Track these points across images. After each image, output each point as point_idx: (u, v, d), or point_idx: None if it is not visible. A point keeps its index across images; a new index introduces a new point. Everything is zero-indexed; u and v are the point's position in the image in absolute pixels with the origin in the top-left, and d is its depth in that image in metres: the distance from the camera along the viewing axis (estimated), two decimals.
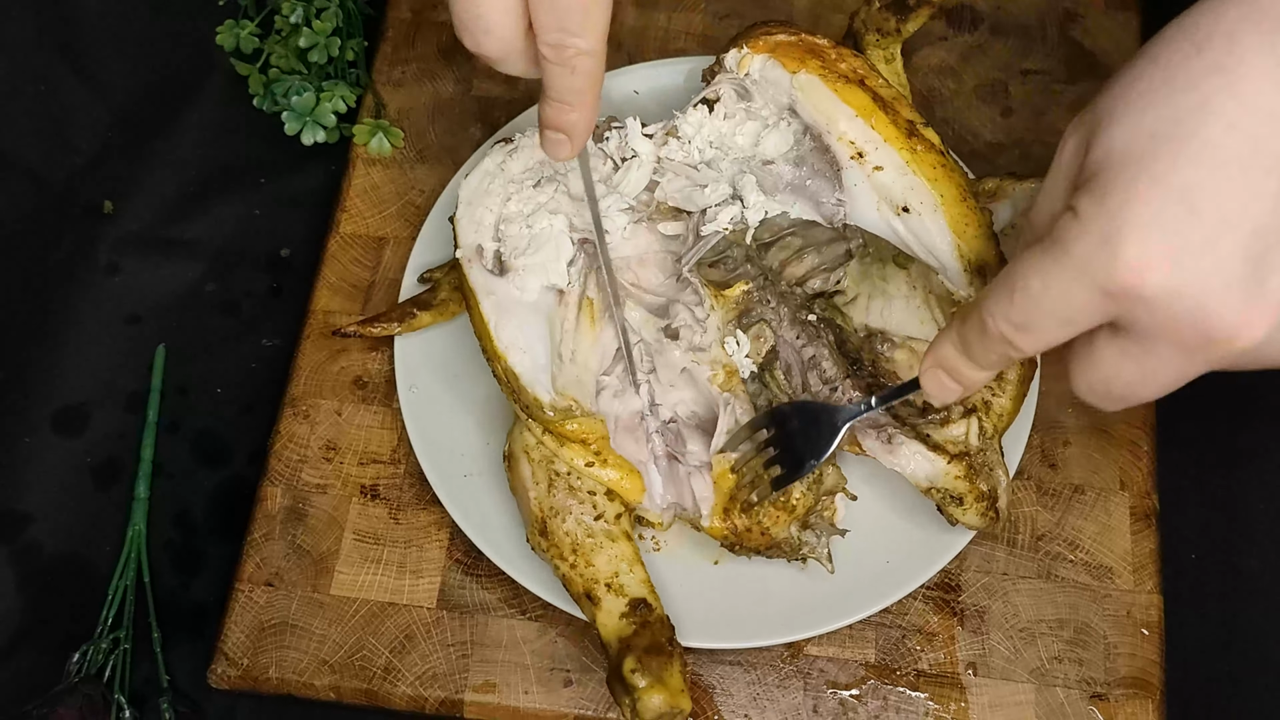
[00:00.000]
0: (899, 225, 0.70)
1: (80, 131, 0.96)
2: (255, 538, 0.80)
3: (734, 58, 0.75)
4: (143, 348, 0.88)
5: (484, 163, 0.76)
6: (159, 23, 0.99)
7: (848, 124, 0.70)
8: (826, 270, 0.76)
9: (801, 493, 0.70)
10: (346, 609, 0.77)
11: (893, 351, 0.75)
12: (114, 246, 0.92)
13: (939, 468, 0.70)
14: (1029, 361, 0.73)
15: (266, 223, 0.93)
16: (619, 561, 0.70)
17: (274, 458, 0.82)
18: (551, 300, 0.73)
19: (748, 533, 0.71)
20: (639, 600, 0.69)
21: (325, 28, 0.92)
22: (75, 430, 0.86)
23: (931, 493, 0.71)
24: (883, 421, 0.72)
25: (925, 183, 0.69)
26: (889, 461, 0.72)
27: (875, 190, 0.70)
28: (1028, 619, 0.75)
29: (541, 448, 0.72)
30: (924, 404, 0.73)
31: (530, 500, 0.72)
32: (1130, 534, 0.77)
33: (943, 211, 0.69)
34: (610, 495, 0.72)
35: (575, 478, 0.71)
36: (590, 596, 0.70)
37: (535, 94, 0.93)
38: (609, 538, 0.71)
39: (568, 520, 0.71)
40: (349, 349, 0.85)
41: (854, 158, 0.70)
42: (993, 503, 0.71)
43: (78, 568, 0.82)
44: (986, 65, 0.93)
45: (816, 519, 0.71)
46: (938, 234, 0.69)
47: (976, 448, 0.71)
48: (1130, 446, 0.80)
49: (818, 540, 0.71)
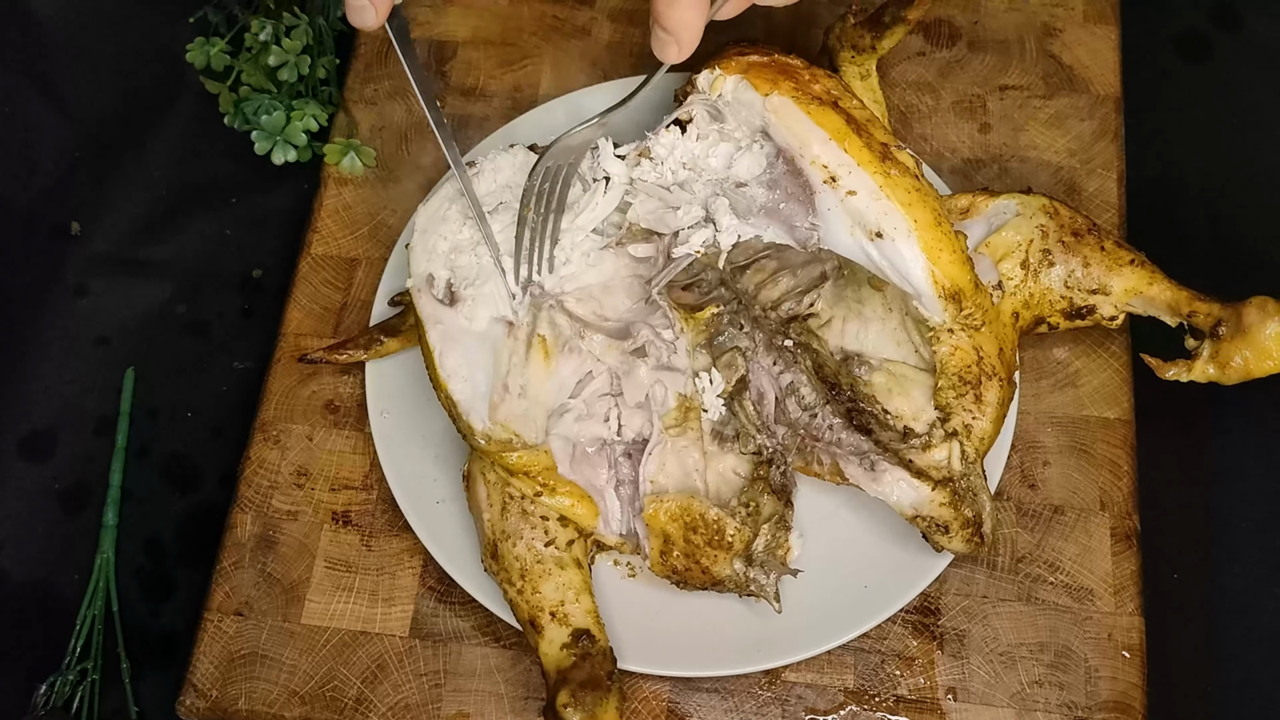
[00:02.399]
0: (872, 250, 0.69)
1: (46, 152, 0.95)
2: (225, 566, 0.79)
3: (706, 79, 0.74)
4: (111, 370, 0.88)
5: (442, 189, 0.76)
6: (127, 41, 0.99)
7: (821, 147, 0.70)
8: (802, 293, 0.75)
9: (736, 528, 0.69)
10: (317, 638, 0.76)
11: (870, 374, 0.74)
12: (82, 268, 0.92)
13: (924, 495, 0.70)
14: (1007, 384, 0.72)
15: (237, 243, 0.92)
16: (566, 590, 0.70)
17: (244, 484, 0.81)
18: (500, 331, 0.72)
19: (688, 573, 0.70)
20: (582, 631, 0.69)
21: (295, 45, 0.91)
22: (43, 455, 0.85)
23: (917, 521, 0.71)
24: (865, 448, 0.72)
25: (899, 208, 0.68)
26: (873, 490, 0.71)
27: (848, 215, 0.69)
28: (1008, 642, 0.75)
29: (497, 470, 0.71)
30: (905, 429, 0.72)
31: (485, 522, 0.72)
32: (1111, 555, 0.77)
33: (916, 237, 0.68)
34: (564, 521, 0.71)
35: (529, 502, 0.71)
36: (534, 624, 0.69)
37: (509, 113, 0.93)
38: (558, 565, 0.70)
39: (518, 545, 0.70)
40: (320, 372, 0.84)
41: (827, 182, 0.70)
42: (978, 528, 0.70)
43: (45, 596, 0.81)
44: (964, 81, 0.92)
45: (767, 557, 0.70)
46: (911, 259, 0.69)
47: (960, 472, 0.70)
48: (1110, 466, 0.79)
49: (766, 579, 0.70)
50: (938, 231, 0.69)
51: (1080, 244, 0.76)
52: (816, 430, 0.73)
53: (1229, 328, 0.74)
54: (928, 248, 0.68)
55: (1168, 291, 0.76)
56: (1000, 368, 0.72)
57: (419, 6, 0.98)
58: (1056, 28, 0.93)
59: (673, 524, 0.70)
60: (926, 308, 0.70)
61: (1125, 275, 0.76)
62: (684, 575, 0.71)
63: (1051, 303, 0.76)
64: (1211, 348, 0.75)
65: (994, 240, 0.76)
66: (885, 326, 0.75)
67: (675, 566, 0.71)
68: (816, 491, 0.76)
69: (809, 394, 0.73)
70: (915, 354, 0.74)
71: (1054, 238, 0.76)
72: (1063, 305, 0.76)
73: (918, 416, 0.72)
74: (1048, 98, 0.91)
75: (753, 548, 0.70)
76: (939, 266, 0.69)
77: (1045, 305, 0.76)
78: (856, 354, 0.75)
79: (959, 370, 0.71)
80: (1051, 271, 0.76)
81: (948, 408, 0.71)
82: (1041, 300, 0.76)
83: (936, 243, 0.69)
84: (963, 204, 0.77)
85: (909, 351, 0.74)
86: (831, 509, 0.76)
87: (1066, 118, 0.90)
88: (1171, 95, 0.93)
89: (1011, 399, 0.73)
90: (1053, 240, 0.76)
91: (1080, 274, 0.76)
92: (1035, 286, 0.76)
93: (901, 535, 0.75)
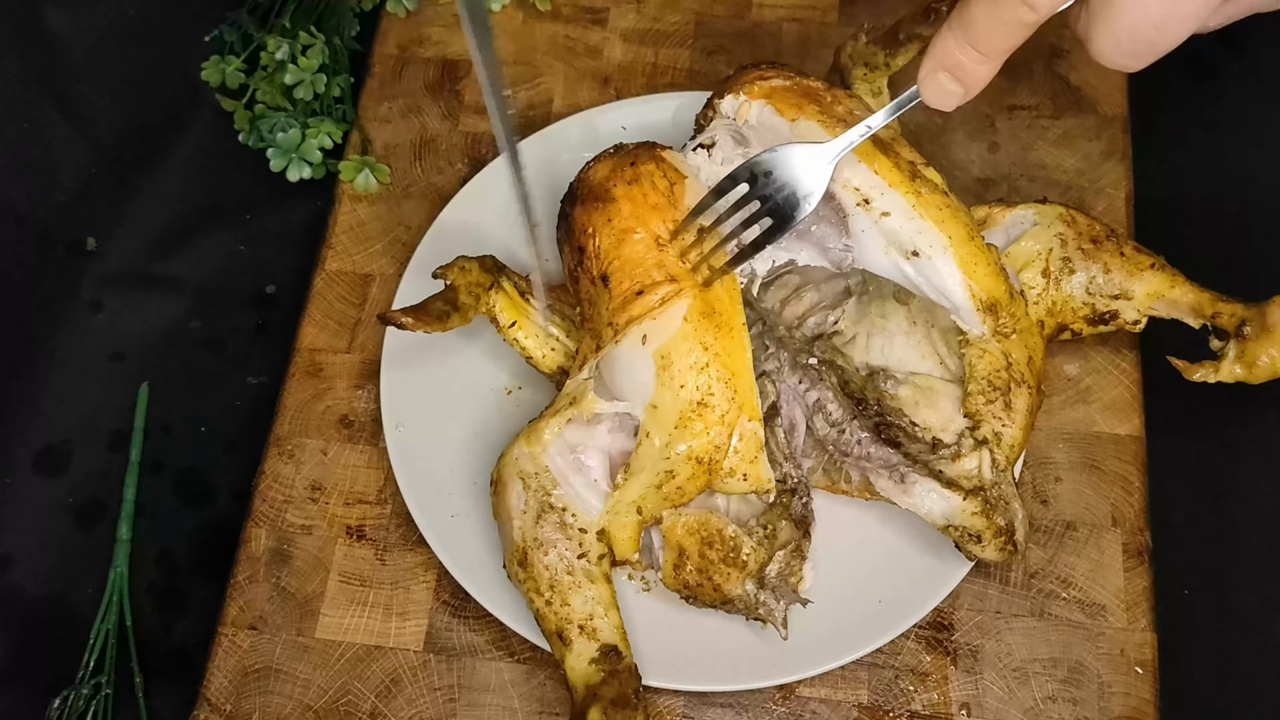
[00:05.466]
0: (909, 269, 0.70)
1: (63, 168, 0.95)
2: (239, 580, 0.79)
3: (731, 105, 0.75)
4: (126, 386, 0.87)
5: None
6: (144, 58, 0.99)
7: (851, 170, 0.70)
8: (826, 309, 0.75)
9: (752, 548, 0.69)
10: (332, 653, 0.76)
11: (896, 388, 0.74)
12: (97, 283, 0.91)
13: (955, 505, 0.70)
14: (1036, 392, 0.73)
15: (252, 259, 0.92)
16: (595, 604, 0.69)
17: (258, 498, 0.81)
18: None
19: (699, 588, 0.70)
20: (610, 647, 0.68)
21: (311, 64, 0.92)
22: (57, 470, 0.85)
23: (949, 530, 0.71)
24: (895, 461, 0.72)
25: (932, 225, 0.69)
26: (904, 502, 0.71)
27: (883, 235, 0.70)
28: (1021, 658, 0.75)
29: (540, 477, 0.71)
30: (933, 440, 0.72)
31: (514, 528, 0.71)
32: (1123, 571, 0.77)
33: (952, 253, 0.69)
34: (600, 535, 0.71)
35: (570, 514, 0.70)
36: (562, 636, 0.69)
37: (523, 130, 0.94)
38: (589, 578, 0.70)
39: (550, 554, 0.70)
40: (335, 387, 0.84)
41: (860, 204, 0.70)
42: (1010, 536, 0.70)
43: (59, 610, 0.81)
44: (973, 100, 0.92)
45: (780, 582, 0.70)
46: (949, 276, 0.69)
47: (990, 481, 0.70)
48: (1122, 482, 0.79)
49: (776, 604, 0.70)
50: (971, 246, 0.69)
51: (1100, 250, 0.77)
52: (845, 445, 0.74)
53: (1254, 327, 0.75)
54: (963, 263, 0.69)
55: (1190, 294, 0.76)
56: (1029, 375, 0.73)
57: (431, 26, 0.99)
58: (1064, 49, 0.94)
59: (689, 537, 0.70)
60: (965, 321, 0.70)
61: (1147, 279, 0.77)
62: (695, 591, 0.71)
63: (1074, 309, 0.77)
64: (1237, 348, 0.75)
65: (1013, 250, 0.76)
66: (910, 340, 0.75)
67: (688, 581, 0.71)
68: (830, 506, 0.76)
69: (836, 410, 0.74)
70: (941, 365, 0.74)
71: (1073, 245, 0.76)
72: (1085, 312, 0.77)
73: (946, 427, 0.72)
74: (1056, 117, 0.92)
75: (766, 571, 0.70)
76: (975, 280, 0.70)
77: (1068, 312, 0.77)
78: (882, 368, 0.75)
79: (988, 375, 0.71)
80: (1073, 279, 0.76)
81: (977, 415, 0.71)
82: (1064, 308, 0.77)
83: (971, 257, 0.69)
84: (979, 216, 0.78)
85: (934, 364, 0.74)
86: (846, 524, 0.76)
87: (1075, 137, 0.91)
88: (1177, 116, 0.94)
89: (1039, 408, 0.73)
90: (1072, 248, 0.76)
91: (1101, 280, 0.76)
92: (1057, 294, 0.76)
93: (915, 550, 0.75)
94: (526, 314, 0.76)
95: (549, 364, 0.76)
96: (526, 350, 0.76)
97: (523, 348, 0.76)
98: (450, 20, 0.99)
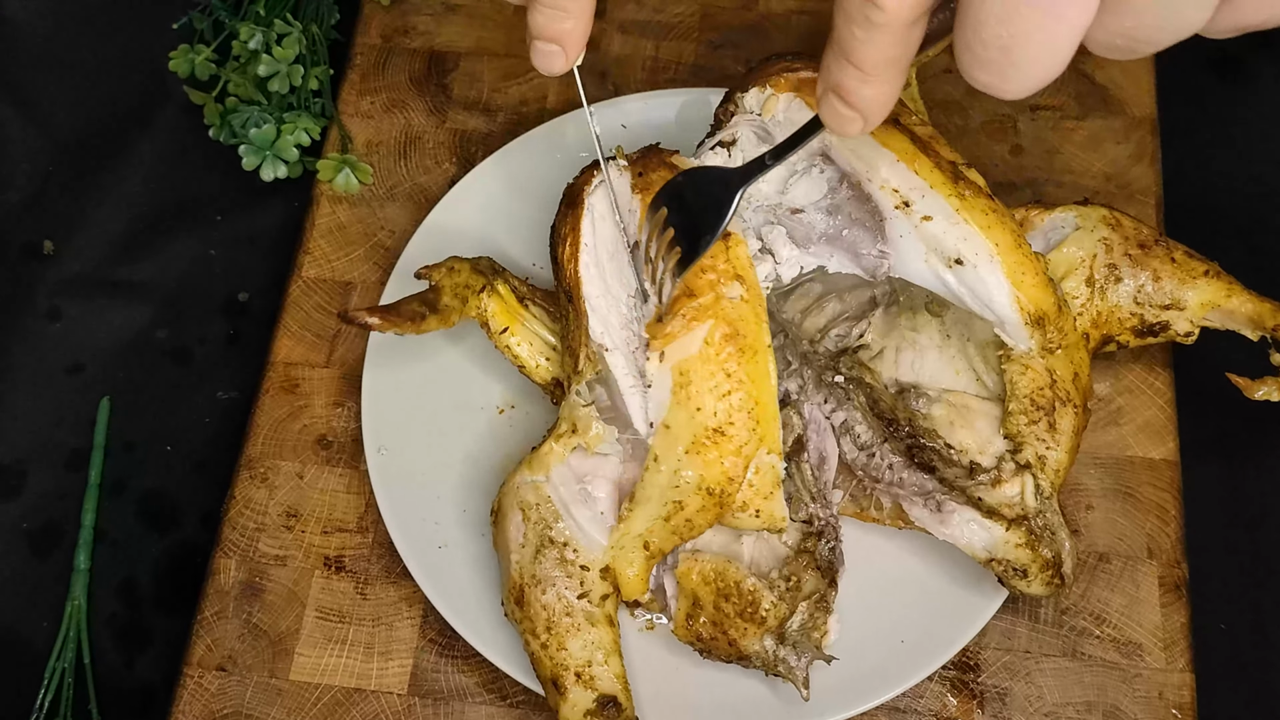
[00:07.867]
0: (950, 278, 0.65)
1: (17, 165, 0.93)
2: (206, 616, 0.75)
3: (756, 98, 0.70)
4: (85, 400, 0.84)
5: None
6: (106, 47, 0.97)
7: (889, 170, 0.65)
8: (850, 320, 0.71)
9: (772, 603, 0.65)
10: (308, 696, 0.72)
11: (929, 407, 0.69)
12: (55, 290, 0.89)
13: (997, 536, 0.65)
14: (1082, 411, 0.68)
15: (222, 264, 0.90)
16: (595, 649, 0.65)
17: (228, 526, 0.77)
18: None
19: (713, 642, 0.66)
20: (608, 698, 0.64)
21: (287, 55, 0.89)
22: (10, 492, 0.82)
23: (992, 565, 0.66)
24: (930, 487, 0.67)
25: (978, 231, 0.64)
26: (941, 533, 0.67)
27: (923, 241, 0.65)
28: (1053, 702, 0.70)
29: (541, 509, 0.66)
30: (971, 464, 0.67)
31: (512, 562, 0.67)
32: (1160, 606, 0.73)
33: (1000, 261, 0.64)
34: (604, 573, 0.66)
35: (571, 549, 0.65)
36: (557, 684, 0.65)
37: (515, 128, 0.89)
38: (590, 620, 0.65)
39: (548, 592, 0.65)
40: (312, 405, 0.80)
41: (899, 207, 0.65)
42: (1058, 569, 0.66)
43: (12, 645, 0.78)
44: (994, 100, 0.87)
45: (801, 638, 0.66)
46: (995, 286, 0.64)
47: (1034, 509, 0.66)
48: (1158, 510, 0.75)
49: (797, 661, 0.65)
50: (1019, 254, 0.65)
51: (1149, 256, 0.72)
52: (875, 471, 0.69)
53: None
54: (1011, 272, 0.64)
55: (1249, 304, 0.71)
56: (1075, 393, 0.68)
57: (418, 15, 0.94)
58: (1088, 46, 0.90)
59: (704, 587, 0.65)
60: (1010, 336, 0.66)
61: (1200, 288, 0.71)
62: (708, 645, 0.66)
63: (1121, 320, 0.72)
64: None
65: (1054, 257, 0.71)
66: (943, 354, 0.70)
67: (700, 634, 0.66)
68: (848, 534, 0.71)
69: (865, 432, 0.69)
70: (977, 382, 0.69)
71: (1119, 251, 0.72)
72: (1133, 323, 0.72)
73: (984, 450, 0.67)
74: (1081, 119, 0.88)
75: (787, 625, 0.65)
76: (1023, 291, 0.65)
77: (1114, 324, 0.72)
78: (913, 385, 0.70)
79: (1031, 393, 0.66)
80: (1119, 288, 0.71)
81: (1019, 436, 0.67)
82: (1110, 319, 0.71)
83: (1019, 266, 0.65)
84: (1017, 217, 0.72)
85: (970, 380, 0.69)
86: (866, 554, 0.71)
87: (1102, 140, 0.87)
88: (1207, 116, 0.91)
89: (1085, 427, 0.69)
90: (1118, 254, 0.71)
91: (1151, 289, 0.71)
92: (1103, 304, 0.71)
93: (941, 582, 0.71)
94: (522, 320, 0.71)
95: (543, 374, 0.72)
96: (519, 359, 0.72)
97: (515, 355, 0.72)
98: (437, 8, 0.94)
